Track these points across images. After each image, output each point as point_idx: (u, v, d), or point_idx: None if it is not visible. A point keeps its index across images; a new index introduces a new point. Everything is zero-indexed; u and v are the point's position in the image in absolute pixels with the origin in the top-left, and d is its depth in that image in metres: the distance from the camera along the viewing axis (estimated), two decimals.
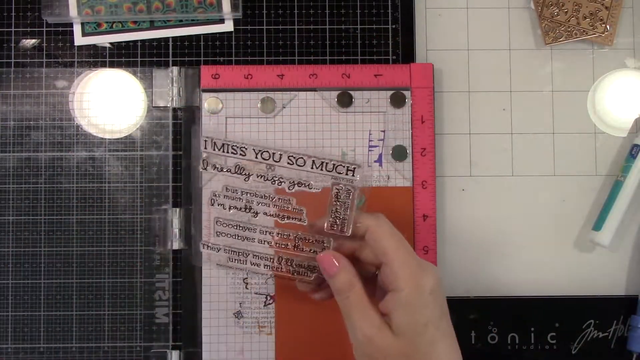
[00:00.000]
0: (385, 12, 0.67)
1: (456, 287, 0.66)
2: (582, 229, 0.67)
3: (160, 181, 0.66)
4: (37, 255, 0.65)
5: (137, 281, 0.65)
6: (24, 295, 0.65)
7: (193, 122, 0.65)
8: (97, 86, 0.66)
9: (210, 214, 0.63)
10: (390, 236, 0.54)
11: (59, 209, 0.65)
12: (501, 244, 0.67)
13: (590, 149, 0.67)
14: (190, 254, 0.65)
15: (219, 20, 0.67)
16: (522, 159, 0.67)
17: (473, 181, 0.67)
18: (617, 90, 0.67)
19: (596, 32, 0.67)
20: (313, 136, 0.65)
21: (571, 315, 0.65)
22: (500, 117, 0.67)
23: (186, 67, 0.66)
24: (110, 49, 0.67)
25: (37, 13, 0.67)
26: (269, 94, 0.65)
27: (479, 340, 0.65)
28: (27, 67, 0.66)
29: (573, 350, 0.65)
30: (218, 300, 0.64)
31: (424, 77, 0.65)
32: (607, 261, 0.67)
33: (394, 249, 0.53)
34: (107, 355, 0.65)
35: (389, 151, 0.65)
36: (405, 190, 0.65)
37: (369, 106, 0.65)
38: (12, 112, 0.66)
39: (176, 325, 0.65)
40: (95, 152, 0.66)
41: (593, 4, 0.67)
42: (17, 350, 0.65)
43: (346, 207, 0.57)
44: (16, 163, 0.66)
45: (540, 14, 0.67)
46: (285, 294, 0.64)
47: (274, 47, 0.67)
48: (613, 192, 0.65)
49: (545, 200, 0.67)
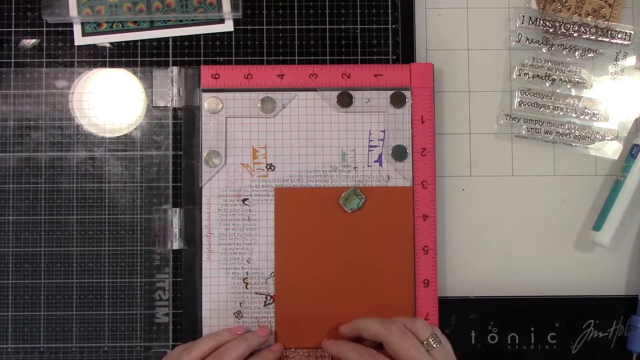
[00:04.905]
0: (385, 12, 0.67)
1: (456, 287, 0.66)
2: (582, 229, 0.67)
3: (160, 181, 0.66)
4: (37, 255, 0.65)
5: (137, 281, 0.65)
6: (24, 295, 0.65)
7: (193, 122, 0.65)
8: (97, 86, 0.66)
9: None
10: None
11: (59, 209, 0.65)
12: (501, 244, 0.67)
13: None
14: (190, 254, 0.65)
15: (219, 20, 0.67)
16: (522, 159, 0.67)
17: (473, 181, 0.67)
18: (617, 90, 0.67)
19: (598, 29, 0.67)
20: (313, 136, 0.65)
21: (571, 315, 0.65)
22: (500, 117, 0.67)
23: (186, 67, 0.66)
24: (110, 49, 0.67)
25: (37, 13, 0.67)
26: (269, 94, 0.65)
27: (479, 340, 0.65)
28: (27, 67, 0.66)
29: (573, 350, 0.65)
30: (218, 300, 0.64)
31: (424, 77, 0.65)
32: (607, 261, 0.67)
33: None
34: (107, 355, 0.65)
35: (389, 151, 0.65)
36: (405, 190, 0.65)
37: (369, 106, 0.65)
38: (12, 112, 0.66)
39: (176, 325, 0.65)
40: (95, 152, 0.66)
41: (597, 1, 0.67)
42: (17, 350, 0.65)
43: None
44: (16, 163, 0.66)
45: (543, 11, 0.67)
46: (285, 294, 0.64)
47: (274, 47, 0.67)
48: (613, 192, 0.65)
49: (545, 200, 0.67)
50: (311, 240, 0.64)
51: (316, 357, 0.63)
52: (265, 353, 0.61)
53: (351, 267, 0.64)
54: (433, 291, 0.64)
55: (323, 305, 0.64)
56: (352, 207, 0.64)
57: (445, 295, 0.66)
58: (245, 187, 0.65)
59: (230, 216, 0.65)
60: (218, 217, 0.65)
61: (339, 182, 0.65)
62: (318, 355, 0.63)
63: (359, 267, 0.64)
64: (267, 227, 0.65)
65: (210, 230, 0.64)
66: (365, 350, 0.58)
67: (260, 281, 0.64)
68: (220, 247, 0.64)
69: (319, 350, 0.63)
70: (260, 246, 0.64)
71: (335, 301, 0.64)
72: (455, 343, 0.60)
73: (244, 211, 0.65)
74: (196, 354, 0.59)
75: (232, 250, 0.64)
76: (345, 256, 0.64)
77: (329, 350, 0.61)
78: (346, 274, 0.64)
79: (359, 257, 0.64)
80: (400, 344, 0.57)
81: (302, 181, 0.65)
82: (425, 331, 0.58)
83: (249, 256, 0.64)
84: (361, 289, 0.64)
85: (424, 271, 0.64)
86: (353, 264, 0.64)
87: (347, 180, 0.65)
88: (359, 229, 0.64)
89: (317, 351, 0.63)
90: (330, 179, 0.65)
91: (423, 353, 0.57)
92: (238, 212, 0.65)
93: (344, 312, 0.63)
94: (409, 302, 0.64)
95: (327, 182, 0.65)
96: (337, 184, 0.65)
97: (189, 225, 0.65)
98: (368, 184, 0.65)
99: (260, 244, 0.65)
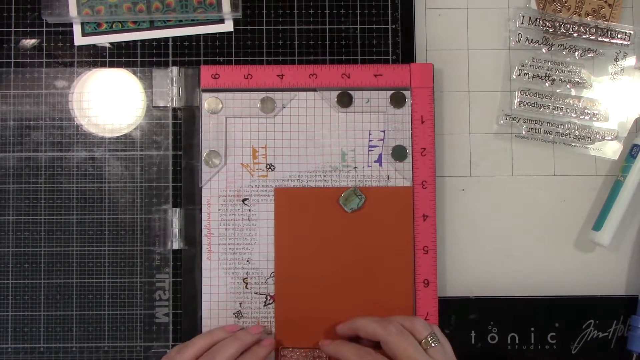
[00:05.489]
0: (385, 12, 0.67)
1: (456, 287, 0.66)
2: (582, 229, 0.67)
3: (160, 181, 0.66)
4: (37, 255, 0.65)
5: (137, 281, 0.65)
6: (24, 295, 0.65)
7: (193, 122, 0.65)
8: (97, 86, 0.66)
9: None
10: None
11: (59, 209, 0.65)
12: (501, 244, 0.67)
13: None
14: (190, 254, 0.65)
15: (219, 20, 0.67)
16: (522, 159, 0.67)
17: (473, 181, 0.67)
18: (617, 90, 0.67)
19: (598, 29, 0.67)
20: (313, 136, 0.65)
21: (571, 315, 0.65)
22: (500, 117, 0.67)
23: (186, 67, 0.66)
24: (110, 49, 0.67)
25: (37, 13, 0.67)
26: (269, 94, 0.65)
27: (479, 340, 0.65)
28: (27, 67, 0.66)
29: (573, 350, 0.65)
30: (218, 300, 0.64)
31: (424, 77, 0.65)
32: (607, 261, 0.67)
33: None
34: (107, 355, 0.65)
35: (389, 151, 0.65)
36: (405, 190, 0.65)
37: (369, 106, 0.65)
38: (12, 112, 0.66)
39: (176, 325, 0.65)
40: (95, 152, 0.66)
41: (597, 1, 0.67)
42: (17, 350, 0.65)
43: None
44: (16, 163, 0.66)
45: (543, 11, 0.67)
46: (285, 294, 0.64)
47: (274, 47, 0.67)
48: (613, 192, 0.65)
49: (545, 200, 0.67)
50: (311, 240, 0.64)
51: (313, 357, 0.63)
52: (255, 349, 0.61)
53: (351, 267, 0.64)
54: (433, 291, 0.64)
55: (323, 305, 0.64)
56: (352, 207, 0.64)
57: (445, 295, 0.66)
58: (245, 187, 0.65)
59: (230, 216, 0.65)
60: (218, 217, 0.65)
61: (339, 182, 0.65)
62: (315, 356, 0.63)
63: (359, 267, 0.64)
64: (267, 227, 0.65)
65: (210, 230, 0.64)
66: (363, 349, 0.58)
67: (260, 281, 0.64)
68: (220, 247, 0.64)
69: (316, 351, 0.63)
70: (260, 246, 0.64)
71: (336, 301, 0.64)
72: (455, 343, 0.60)
73: (244, 211, 0.65)
74: (189, 353, 0.59)
75: (232, 250, 0.64)
76: (345, 256, 0.64)
77: (326, 350, 0.61)
78: (346, 274, 0.64)
79: (359, 257, 0.64)
80: (397, 343, 0.57)
81: (302, 181, 0.65)
82: (423, 330, 0.58)
83: (249, 256, 0.64)
84: (361, 289, 0.64)
85: (424, 271, 0.64)
86: (353, 264, 0.64)
87: (347, 180, 0.65)
88: (359, 229, 0.64)
89: (315, 351, 0.63)
90: (330, 179, 0.65)
91: (421, 352, 0.57)
92: (238, 212, 0.65)
93: (344, 312, 0.63)
94: (408, 302, 0.64)
95: (327, 182, 0.65)
96: (337, 184, 0.65)
97: (189, 225, 0.65)
98: (368, 184, 0.65)
99: (260, 244, 0.65)
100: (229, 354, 0.59)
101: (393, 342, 0.57)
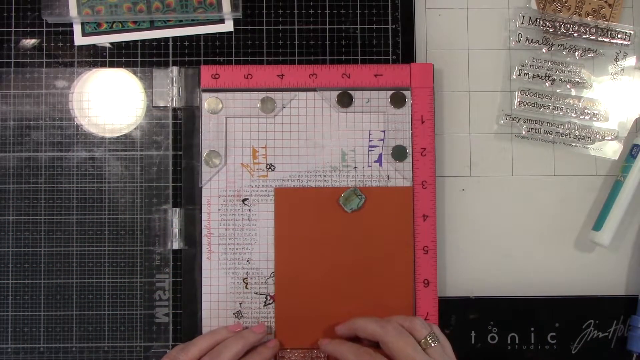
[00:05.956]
0: (385, 12, 0.67)
1: (456, 287, 0.66)
2: (582, 229, 0.67)
3: (160, 181, 0.66)
4: (37, 255, 0.65)
5: (137, 281, 0.65)
6: (24, 295, 0.65)
7: (193, 122, 0.65)
8: (97, 86, 0.66)
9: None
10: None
11: (59, 209, 0.65)
12: (501, 244, 0.67)
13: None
14: (190, 254, 0.65)
15: (219, 20, 0.67)
16: (522, 159, 0.67)
17: (473, 181, 0.67)
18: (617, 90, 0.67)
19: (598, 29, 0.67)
20: (313, 136, 0.65)
21: (571, 315, 0.65)
22: (500, 117, 0.67)
23: (186, 67, 0.66)
24: (110, 49, 0.67)
25: (37, 13, 0.67)
26: (269, 94, 0.65)
27: (479, 340, 0.65)
28: (27, 67, 0.66)
29: (573, 350, 0.65)
30: (218, 300, 0.64)
31: (424, 77, 0.65)
32: (607, 261, 0.67)
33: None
34: (107, 355, 0.65)
35: (389, 151, 0.65)
36: (405, 190, 0.65)
37: (369, 106, 0.65)
38: (12, 112, 0.66)
39: (176, 325, 0.65)
40: (95, 152, 0.66)
41: (597, 1, 0.67)
42: (17, 350, 0.65)
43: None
44: (16, 163, 0.66)
45: (543, 11, 0.67)
46: (285, 294, 0.64)
47: (274, 47, 0.67)
48: (613, 192, 0.65)
49: (545, 200, 0.67)
50: (311, 240, 0.64)
51: (312, 357, 0.63)
52: (261, 349, 0.61)
53: (351, 267, 0.64)
54: (433, 291, 0.64)
55: (323, 305, 0.64)
56: (352, 207, 0.64)
57: (445, 295, 0.66)
58: (245, 187, 0.65)
59: (230, 216, 0.65)
60: (218, 217, 0.65)
61: (339, 182, 0.65)
62: (314, 356, 0.63)
63: (359, 267, 0.64)
64: (267, 227, 0.65)
65: (210, 230, 0.64)
66: (362, 349, 0.58)
67: (260, 281, 0.64)
68: (220, 247, 0.64)
69: (314, 351, 0.63)
70: (260, 246, 0.64)
71: (336, 301, 0.64)
72: (455, 343, 0.60)
73: (244, 211, 0.65)
74: (193, 352, 0.59)
75: (232, 250, 0.64)
76: (345, 256, 0.64)
77: (325, 349, 0.61)
78: (346, 274, 0.64)
79: (359, 257, 0.64)
80: (396, 342, 0.57)
81: (302, 181, 0.65)
82: (422, 330, 0.58)
83: (249, 256, 0.64)
84: (361, 289, 0.64)
85: (424, 271, 0.64)
86: (353, 264, 0.64)
87: (347, 180, 0.65)
88: (359, 229, 0.64)
89: (313, 352, 0.63)
90: (330, 179, 0.65)
91: (419, 352, 0.57)
92: (238, 212, 0.65)
93: (344, 312, 0.63)
94: (408, 302, 0.64)
95: (327, 182, 0.65)
96: (337, 184, 0.65)
97: (189, 225, 0.65)
98: (368, 184, 0.65)
99: (260, 244, 0.65)
100: (234, 352, 0.59)
101: (392, 341, 0.57)
